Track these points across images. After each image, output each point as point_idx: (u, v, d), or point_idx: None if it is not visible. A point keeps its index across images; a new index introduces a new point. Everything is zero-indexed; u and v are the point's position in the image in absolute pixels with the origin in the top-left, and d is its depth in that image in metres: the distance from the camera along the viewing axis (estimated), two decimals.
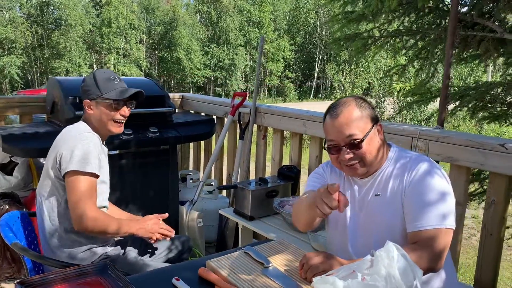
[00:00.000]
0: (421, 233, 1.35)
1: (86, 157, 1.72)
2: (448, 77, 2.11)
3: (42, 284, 1.21)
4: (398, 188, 1.44)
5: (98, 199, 1.83)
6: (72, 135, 1.80)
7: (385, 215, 1.45)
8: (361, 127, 1.42)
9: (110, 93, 1.86)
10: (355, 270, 0.96)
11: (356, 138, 1.41)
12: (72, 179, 1.70)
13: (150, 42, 39.82)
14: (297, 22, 43.83)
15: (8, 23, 32.85)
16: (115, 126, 1.90)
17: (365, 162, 1.44)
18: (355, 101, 1.46)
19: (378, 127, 1.47)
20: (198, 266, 1.40)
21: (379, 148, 1.46)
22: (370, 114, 1.45)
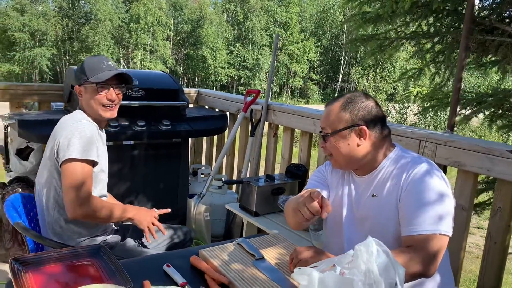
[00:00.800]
0: (414, 237, 1.32)
1: (83, 144, 1.70)
2: (459, 81, 2.07)
3: (36, 262, 1.24)
4: (394, 189, 1.41)
5: (97, 188, 1.84)
6: (69, 124, 1.78)
7: (379, 217, 1.43)
8: (332, 124, 1.44)
9: (95, 77, 1.81)
10: (336, 264, 0.96)
11: (325, 132, 1.46)
12: (68, 166, 1.68)
13: (176, 39, 40.29)
14: (324, 24, 43.63)
15: (41, 16, 33.78)
16: (104, 110, 1.84)
17: (335, 158, 1.47)
18: (347, 98, 1.45)
19: (357, 132, 1.41)
20: (191, 254, 1.42)
21: (352, 151, 1.42)
22: (349, 117, 1.42)
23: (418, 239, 1.31)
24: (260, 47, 39.10)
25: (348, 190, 1.54)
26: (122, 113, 2.88)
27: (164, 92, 3.12)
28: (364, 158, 1.44)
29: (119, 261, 1.30)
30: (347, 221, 1.52)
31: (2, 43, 33.61)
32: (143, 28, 35.83)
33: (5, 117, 2.81)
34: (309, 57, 41.44)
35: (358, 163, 1.46)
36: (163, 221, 2.80)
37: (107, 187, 2.03)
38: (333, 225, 1.59)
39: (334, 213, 1.56)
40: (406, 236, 1.34)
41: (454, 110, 2.16)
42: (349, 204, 1.53)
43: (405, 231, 1.35)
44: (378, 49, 2.91)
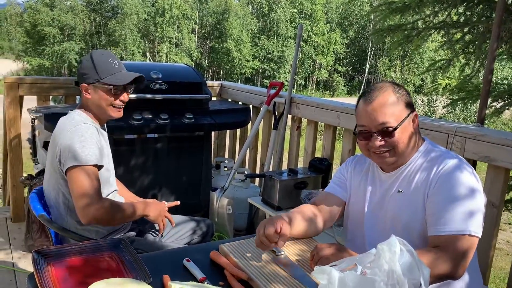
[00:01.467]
0: (441, 237, 1.27)
1: (83, 150, 1.65)
2: (491, 72, 1.98)
3: (58, 255, 1.26)
4: (422, 185, 1.35)
5: (105, 187, 1.81)
6: (67, 129, 1.70)
7: (404, 214, 1.38)
8: (396, 114, 1.34)
9: (109, 78, 1.75)
10: (357, 263, 0.93)
11: (389, 126, 1.34)
12: (72, 174, 1.64)
13: (201, 32, 40.46)
14: (350, 15, 42.96)
15: (69, 10, 34.48)
16: (114, 111, 1.80)
17: (395, 151, 1.37)
18: (392, 87, 1.38)
19: (413, 115, 1.39)
20: (211, 249, 1.41)
21: (411, 137, 1.38)
22: (406, 101, 1.38)
23: (446, 240, 1.26)
24: (285, 39, 38.84)
25: (373, 188, 1.49)
26: (146, 106, 2.93)
27: (187, 85, 3.12)
28: (414, 146, 1.41)
29: (140, 255, 1.30)
30: (368, 220, 1.48)
31: (33, 38, 34.51)
32: (168, 22, 36.12)
33: (32, 111, 2.87)
34: (335, 49, 40.93)
35: (407, 152, 1.40)
36: (186, 214, 2.82)
37: (128, 181, 2.03)
38: (353, 224, 1.55)
39: (355, 212, 1.53)
40: (434, 236, 1.29)
41: (484, 102, 2.07)
42: (371, 202, 1.48)
43: (432, 231, 1.30)
44: (405, 39, 2.83)
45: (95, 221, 1.64)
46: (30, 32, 34.44)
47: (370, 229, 1.48)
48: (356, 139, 2.69)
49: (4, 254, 2.91)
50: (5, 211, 3.53)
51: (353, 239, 1.57)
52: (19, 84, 3.15)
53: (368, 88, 1.44)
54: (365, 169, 1.54)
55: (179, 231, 2.08)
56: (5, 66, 35.27)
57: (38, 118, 2.83)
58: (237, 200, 3.23)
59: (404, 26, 2.87)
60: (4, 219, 3.41)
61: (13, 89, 3.15)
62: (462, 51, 2.87)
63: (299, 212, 1.51)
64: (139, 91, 2.89)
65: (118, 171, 2.89)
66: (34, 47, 34.66)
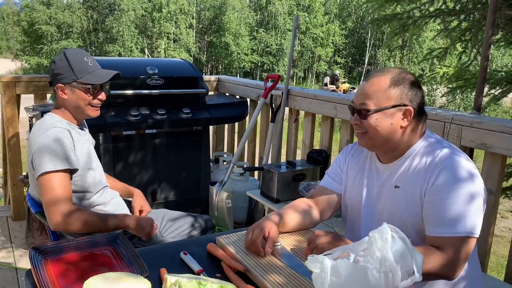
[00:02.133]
0: (439, 239, 1.26)
1: (54, 155, 1.61)
2: (486, 59, 1.97)
3: (55, 251, 1.26)
4: (419, 182, 1.32)
5: (93, 187, 1.80)
6: (37, 135, 1.67)
7: (400, 210, 1.37)
8: (378, 99, 1.32)
9: (86, 77, 1.71)
10: (350, 251, 0.93)
11: (366, 108, 1.33)
12: (42, 180, 1.60)
13: (199, 27, 40.32)
14: (349, 6, 42.74)
15: (66, 8, 34.37)
16: (92, 110, 1.77)
17: (369, 136, 1.36)
18: (394, 74, 1.34)
19: (402, 111, 1.32)
20: (208, 242, 1.41)
21: (393, 132, 1.34)
22: (398, 95, 1.32)
23: (444, 242, 1.25)
24: (283, 31, 38.70)
25: (369, 180, 1.48)
26: (143, 102, 2.93)
27: (183, 80, 3.11)
28: (400, 141, 1.36)
29: (137, 249, 1.30)
30: (365, 211, 1.47)
31: (30, 37, 34.43)
32: (166, 17, 35.98)
33: (30, 109, 2.87)
34: (334, 40, 40.78)
35: (391, 146, 1.37)
36: (186, 208, 2.83)
37: (127, 177, 2.01)
38: (351, 215, 1.55)
39: (353, 204, 1.53)
40: (431, 236, 1.28)
41: (481, 90, 2.07)
42: (369, 194, 1.47)
43: (430, 231, 1.29)
44: (401, 28, 2.81)
45: (62, 228, 1.60)
46: (27, 31, 34.37)
47: (367, 220, 1.47)
48: (353, 130, 2.70)
49: (5, 252, 2.93)
50: (6, 210, 3.54)
51: (352, 230, 1.57)
52: (15, 83, 3.15)
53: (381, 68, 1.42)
54: (363, 158, 1.53)
55: (179, 227, 2.09)
56: (3, 66, 35.22)
57: (35, 116, 2.83)
58: (237, 194, 3.24)
59: (400, 15, 2.86)
60: (5, 218, 3.43)
61: (10, 88, 3.15)
62: (458, 39, 2.86)
63: (292, 206, 1.52)
64: (136, 87, 2.89)
65: (117, 167, 2.91)
66: (32, 46, 34.60)
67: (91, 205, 1.82)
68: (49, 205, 1.60)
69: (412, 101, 1.33)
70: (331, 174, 1.60)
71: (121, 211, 1.95)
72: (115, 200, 1.95)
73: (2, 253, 2.91)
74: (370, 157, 1.50)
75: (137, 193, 2.06)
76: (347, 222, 1.59)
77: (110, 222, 1.70)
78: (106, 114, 2.77)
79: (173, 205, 3.10)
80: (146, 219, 1.79)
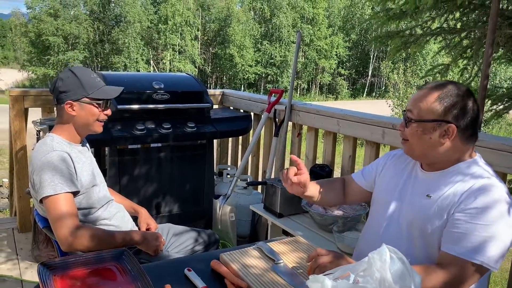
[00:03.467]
0: (449, 256, 1.26)
1: (54, 179, 1.63)
2: (486, 77, 2.01)
3: (62, 267, 1.29)
4: (451, 197, 1.32)
5: (97, 202, 1.83)
6: (38, 158, 1.69)
7: (422, 218, 1.37)
8: (421, 111, 1.34)
9: (96, 93, 1.75)
10: (350, 272, 0.96)
11: (410, 116, 1.37)
12: (47, 203, 1.64)
13: (204, 39, 40.64)
14: (352, 19, 43.01)
15: (73, 20, 34.76)
16: (99, 125, 1.81)
17: (407, 144, 1.40)
18: (447, 90, 1.32)
19: (444, 128, 1.32)
20: (212, 258, 1.44)
21: (432, 147, 1.35)
22: (442, 111, 1.31)
23: (453, 260, 1.25)
24: (287, 43, 38.95)
25: (405, 183, 1.49)
26: (148, 117, 2.97)
27: (188, 94, 3.16)
28: (440, 156, 1.37)
29: (142, 265, 1.33)
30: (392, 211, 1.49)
31: (37, 48, 34.79)
32: (171, 29, 36.33)
33: (37, 123, 2.92)
34: (337, 52, 40.99)
35: (431, 159, 1.39)
36: (190, 222, 2.85)
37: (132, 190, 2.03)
38: (376, 211, 1.58)
39: (381, 200, 1.56)
40: (443, 252, 1.29)
41: (481, 107, 2.10)
42: (401, 195, 1.48)
43: (444, 247, 1.29)
44: (402, 45, 2.86)
45: (71, 244, 1.63)
46: (34, 42, 34.74)
47: (390, 220, 1.48)
48: (355, 145, 2.73)
49: (11, 264, 2.96)
50: (12, 222, 3.58)
51: (372, 224, 1.59)
52: (24, 96, 3.21)
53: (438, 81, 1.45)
54: (406, 165, 1.53)
55: (183, 242, 2.12)
56: (10, 76, 35.58)
57: (43, 130, 2.88)
58: (240, 207, 3.26)
59: (402, 32, 2.90)
60: (11, 230, 3.47)
61: (18, 102, 3.20)
62: (460, 56, 2.90)
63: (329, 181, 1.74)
64: (142, 101, 2.94)
65: (122, 181, 2.95)
66: (39, 56, 34.95)
67: (97, 220, 1.84)
68: (55, 223, 1.63)
69: (457, 119, 1.32)
70: (365, 172, 1.71)
71: (126, 224, 1.98)
72: (120, 214, 1.98)
73: (8, 265, 2.94)
74: (414, 164, 1.52)
75: (143, 212, 2.09)
76: (370, 216, 1.63)
77: (118, 237, 1.72)
78: (112, 128, 2.82)
79: (177, 218, 3.13)
80: (153, 234, 1.82)
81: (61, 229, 1.61)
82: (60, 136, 1.78)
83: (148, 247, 1.77)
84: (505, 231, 1.24)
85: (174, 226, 2.18)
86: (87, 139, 1.98)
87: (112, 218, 1.91)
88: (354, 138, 2.68)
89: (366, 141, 2.57)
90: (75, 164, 1.74)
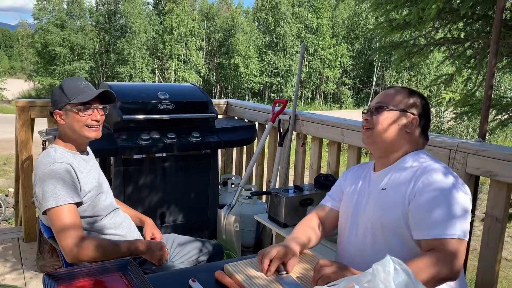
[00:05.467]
0: (434, 242, 1.31)
1: (55, 191, 1.64)
2: (490, 88, 2.01)
3: (67, 277, 1.30)
4: (404, 184, 1.41)
5: (104, 210, 1.84)
6: (41, 169, 1.70)
7: (382, 212, 1.44)
8: (394, 101, 1.49)
9: (78, 97, 1.75)
10: (355, 283, 0.95)
11: (380, 104, 1.50)
12: (50, 215, 1.65)
13: (209, 49, 40.90)
14: (356, 28, 43.17)
15: (79, 30, 35.11)
16: (89, 131, 1.79)
17: (373, 132, 1.49)
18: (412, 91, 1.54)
19: (408, 118, 1.48)
20: (216, 269, 1.44)
21: (395, 134, 1.47)
22: (410, 104, 1.49)
23: (438, 243, 1.31)
24: (291, 53, 39.11)
25: (361, 187, 1.58)
26: (153, 127, 2.99)
27: (193, 104, 3.18)
28: (397, 146, 1.49)
29: (146, 275, 1.33)
30: (352, 218, 1.56)
31: (44, 58, 35.13)
32: (176, 39, 36.59)
33: (43, 133, 2.94)
34: (341, 62, 41.10)
35: (389, 149, 1.50)
36: (194, 231, 2.85)
37: (137, 199, 2.04)
38: (341, 222, 1.64)
39: (344, 209, 1.63)
40: (425, 239, 1.34)
41: (485, 117, 2.10)
42: (358, 200, 1.56)
43: (422, 234, 1.35)
44: (406, 56, 2.87)
45: (76, 254, 1.62)
46: (41, 52, 35.10)
47: (352, 227, 1.55)
48: (359, 155, 2.74)
49: (16, 274, 2.96)
50: (17, 232, 3.59)
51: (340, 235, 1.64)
52: (30, 107, 3.24)
53: None
54: (363, 174, 1.62)
55: (188, 252, 2.11)
56: (17, 86, 35.94)
57: (48, 140, 2.90)
58: (245, 217, 3.26)
59: (405, 43, 2.92)
60: (16, 239, 3.48)
61: (25, 112, 3.24)
62: (464, 66, 2.90)
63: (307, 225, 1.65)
64: (147, 112, 2.96)
65: (127, 190, 2.96)
66: (45, 67, 35.27)
67: (103, 229, 1.85)
68: (59, 235, 1.63)
69: (420, 116, 1.50)
70: (331, 192, 1.75)
71: (132, 233, 1.98)
72: (126, 223, 1.98)
73: (13, 275, 2.95)
74: (368, 169, 1.62)
75: (148, 222, 2.09)
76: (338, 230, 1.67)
77: (123, 247, 1.72)
78: (118, 138, 2.84)
79: (181, 228, 3.13)
80: (157, 244, 1.82)
81: (65, 240, 1.62)
82: (62, 147, 1.80)
83: (153, 257, 1.78)
84: (461, 202, 1.33)
85: (178, 236, 2.18)
86: (92, 149, 2.00)
87: (118, 227, 1.91)
88: (358, 148, 2.68)
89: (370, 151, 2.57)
90: (78, 174, 1.75)
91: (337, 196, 1.70)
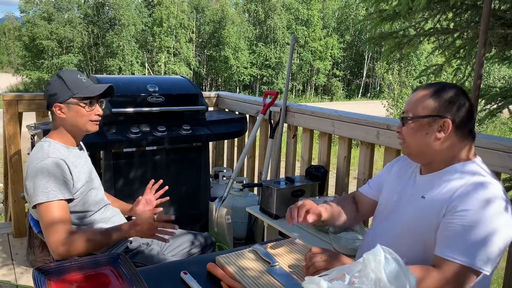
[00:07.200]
0: (444, 261, 1.23)
1: (47, 186, 1.62)
2: (479, 77, 2.02)
3: (58, 272, 1.29)
4: (445, 198, 1.30)
5: (94, 205, 1.82)
6: (34, 163, 1.68)
7: (416, 219, 1.37)
8: (416, 108, 1.36)
9: (83, 92, 1.73)
10: (346, 273, 0.96)
11: (404, 115, 1.40)
12: (39, 210, 1.63)
13: (199, 41, 40.62)
14: (346, 20, 43.14)
15: (67, 23, 34.65)
16: (91, 125, 1.79)
17: (405, 144, 1.42)
18: (439, 87, 1.35)
19: (439, 123, 1.32)
20: (208, 261, 1.44)
21: (428, 143, 1.35)
22: (436, 106, 1.32)
23: (448, 265, 1.23)
24: (282, 45, 38.99)
25: (404, 187, 1.49)
26: (143, 120, 2.97)
27: (183, 97, 3.16)
28: (436, 154, 1.36)
29: (138, 268, 1.33)
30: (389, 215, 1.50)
31: (31, 51, 34.64)
32: (166, 31, 36.26)
33: (31, 127, 2.91)
34: (332, 54, 41.08)
35: (428, 158, 1.39)
36: (186, 225, 2.83)
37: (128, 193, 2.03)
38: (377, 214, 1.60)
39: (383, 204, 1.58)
40: (438, 256, 1.27)
41: (475, 107, 2.11)
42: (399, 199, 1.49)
43: (438, 250, 1.27)
44: (396, 47, 2.87)
45: (67, 256, 1.60)
46: (28, 46, 34.59)
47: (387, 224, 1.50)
48: (350, 146, 2.75)
49: (6, 269, 2.94)
50: (7, 227, 3.56)
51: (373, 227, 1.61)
52: (18, 101, 3.20)
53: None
54: (409, 173, 1.53)
55: (180, 245, 2.11)
56: (4, 80, 35.45)
57: (37, 134, 2.87)
58: (236, 209, 3.26)
59: (395, 33, 2.92)
60: (6, 235, 3.45)
61: (12, 106, 3.19)
62: (453, 56, 2.91)
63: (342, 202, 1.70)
64: (137, 104, 2.94)
65: (118, 184, 2.94)
66: (33, 60, 34.79)
67: (93, 223, 1.84)
68: (47, 230, 1.61)
69: (452, 115, 1.32)
70: (372, 182, 1.72)
71: None
72: (116, 218, 1.97)
73: (3, 271, 2.93)
74: (415, 169, 1.52)
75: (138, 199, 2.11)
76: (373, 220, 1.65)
77: (111, 232, 1.68)
78: (107, 132, 2.81)
79: (173, 221, 3.11)
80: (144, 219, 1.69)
81: (53, 236, 1.60)
82: (56, 141, 1.77)
83: (144, 233, 1.69)
84: (498, 233, 1.20)
85: None
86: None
87: (108, 222, 1.90)
88: (349, 139, 2.69)
89: (361, 142, 2.58)
90: (71, 170, 1.73)
91: (376, 187, 1.67)
